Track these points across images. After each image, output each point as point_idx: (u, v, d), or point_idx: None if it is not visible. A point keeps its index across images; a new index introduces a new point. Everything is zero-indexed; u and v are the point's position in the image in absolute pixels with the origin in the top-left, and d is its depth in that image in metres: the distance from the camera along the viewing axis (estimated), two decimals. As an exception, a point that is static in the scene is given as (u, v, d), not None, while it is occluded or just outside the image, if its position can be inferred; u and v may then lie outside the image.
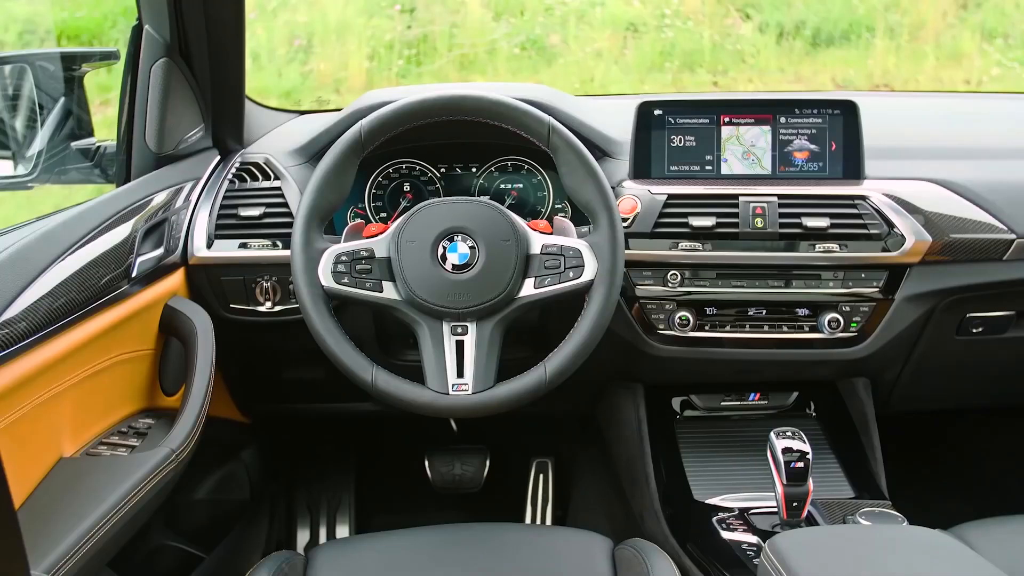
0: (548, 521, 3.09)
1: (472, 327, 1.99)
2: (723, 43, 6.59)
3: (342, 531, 3.09)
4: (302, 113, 2.91)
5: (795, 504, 2.05)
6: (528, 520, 3.10)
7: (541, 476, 3.17)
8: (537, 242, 2.03)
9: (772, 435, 2.07)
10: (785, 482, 2.03)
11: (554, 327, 2.20)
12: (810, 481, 2.04)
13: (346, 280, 2.00)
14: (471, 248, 2.01)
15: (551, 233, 2.09)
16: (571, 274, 2.00)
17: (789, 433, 2.06)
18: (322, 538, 3.07)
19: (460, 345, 1.99)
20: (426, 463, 3.14)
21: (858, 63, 6.47)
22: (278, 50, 6.52)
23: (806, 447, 2.03)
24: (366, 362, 1.99)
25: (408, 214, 2.06)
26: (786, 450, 2.03)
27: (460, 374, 1.98)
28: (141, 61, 2.25)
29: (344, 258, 2.01)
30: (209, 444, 2.09)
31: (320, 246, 2.02)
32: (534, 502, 3.13)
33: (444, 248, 2.01)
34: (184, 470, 1.96)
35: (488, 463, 3.16)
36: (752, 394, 2.59)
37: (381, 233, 2.07)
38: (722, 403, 2.60)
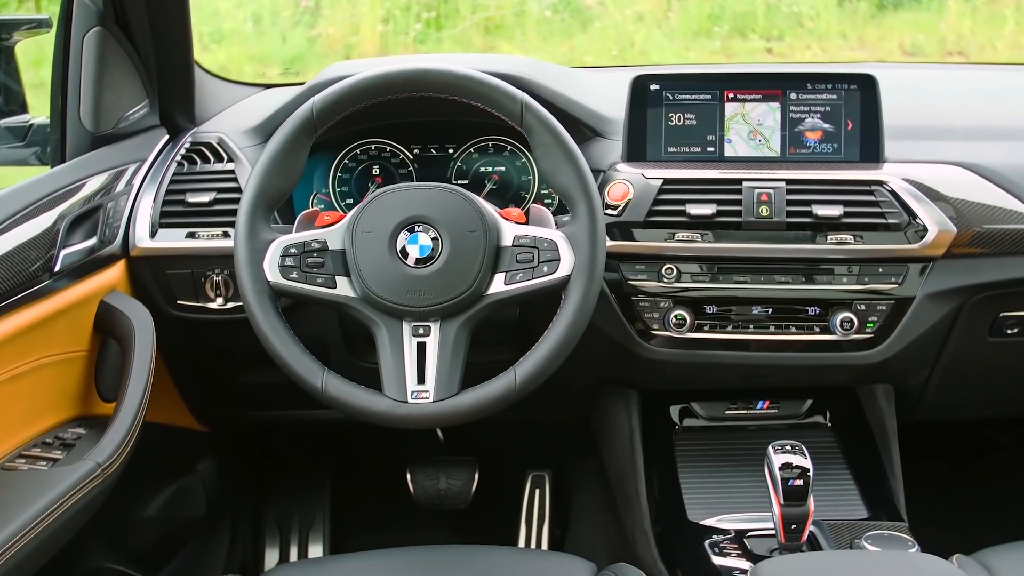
0: (544, 541, 3.09)
1: (435, 328, 1.99)
2: (779, 5, 6.52)
3: (315, 551, 3.09)
4: (268, 87, 2.91)
5: (794, 526, 2.03)
6: (522, 540, 3.10)
7: (537, 491, 3.16)
8: (509, 233, 2.03)
9: (770, 449, 2.05)
10: (782, 501, 2.02)
11: (540, 326, 2.19)
12: (811, 500, 2.02)
13: (295, 275, 2.00)
14: (433, 239, 2.00)
15: (525, 223, 2.08)
16: (545, 268, 1.99)
17: (789, 447, 2.05)
18: (292, 558, 3.07)
19: (422, 348, 1.99)
20: (408, 476, 3.14)
21: (929, 28, 6.40)
22: (283, 12, 6.52)
23: (807, 463, 2.01)
24: (316, 366, 2.00)
25: (365, 201, 2.06)
26: (784, 466, 2.02)
27: (421, 380, 1.97)
28: (73, 30, 2.25)
29: (293, 250, 2.01)
30: (160, 456, 2.11)
31: (267, 237, 2.02)
32: (528, 520, 3.12)
33: (404, 240, 2.01)
34: (114, 485, 1.96)
35: (477, 476, 3.15)
36: (760, 401, 2.58)
37: (336, 223, 2.07)
38: (726, 412, 2.59)
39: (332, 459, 3.28)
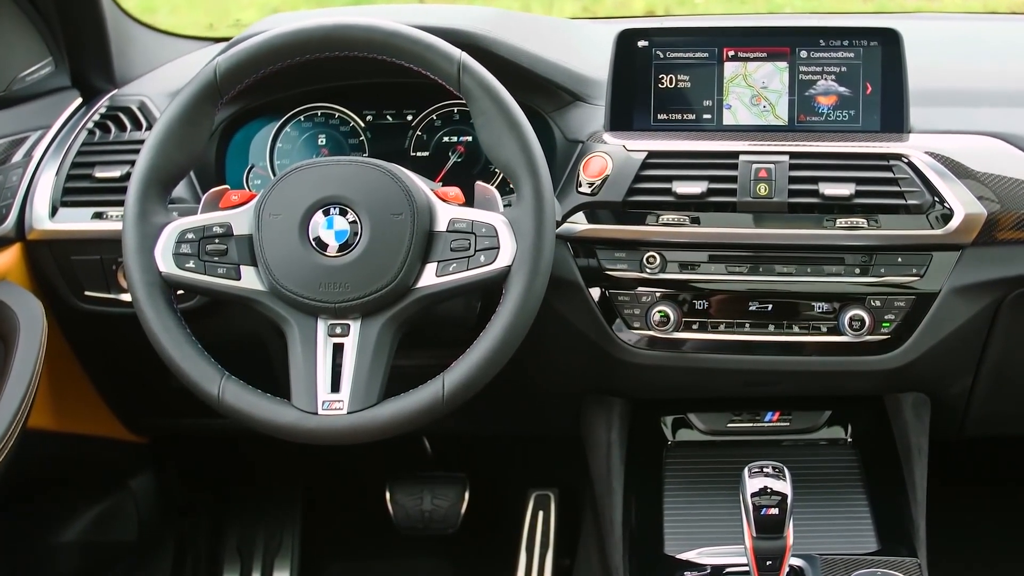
0: (548, 573, 3.08)
1: (355, 326, 2.00)
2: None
3: None
4: (216, 40, 2.92)
5: (768, 563, 2.02)
6: (522, 572, 3.09)
7: (540, 514, 3.14)
8: (443, 216, 2.03)
9: (745, 472, 2.03)
10: (754, 534, 2.00)
11: None
12: (789, 532, 1.99)
13: (192, 264, 2.01)
14: (352, 223, 2.01)
15: (464, 204, 2.08)
16: (482, 258, 1.98)
17: (768, 469, 2.03)
18: None
19: (339, 350, 2.00)
20: (387, 494, 3.15)
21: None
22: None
23: (786, 488, 1.97)
24: (214, 370, 2.01)
25: (274, 180, 2.06)
26: (759, 491, 2.00)
27: (335, 388, 1.98)
28: None
29: (191, 236, 2.02)
30: (81, 471, 2.09)
31: (160, 220, 2.04)
32: (530, 548, 3.10)
33: (319, 224, 2.01)
34: None
35: (468, 496, 3.14)
36: (769, 413, 2.57)
37: (245, 203, 2.07)
38: (728, 425, 2.57)
39: (302, 474, 3.29)
